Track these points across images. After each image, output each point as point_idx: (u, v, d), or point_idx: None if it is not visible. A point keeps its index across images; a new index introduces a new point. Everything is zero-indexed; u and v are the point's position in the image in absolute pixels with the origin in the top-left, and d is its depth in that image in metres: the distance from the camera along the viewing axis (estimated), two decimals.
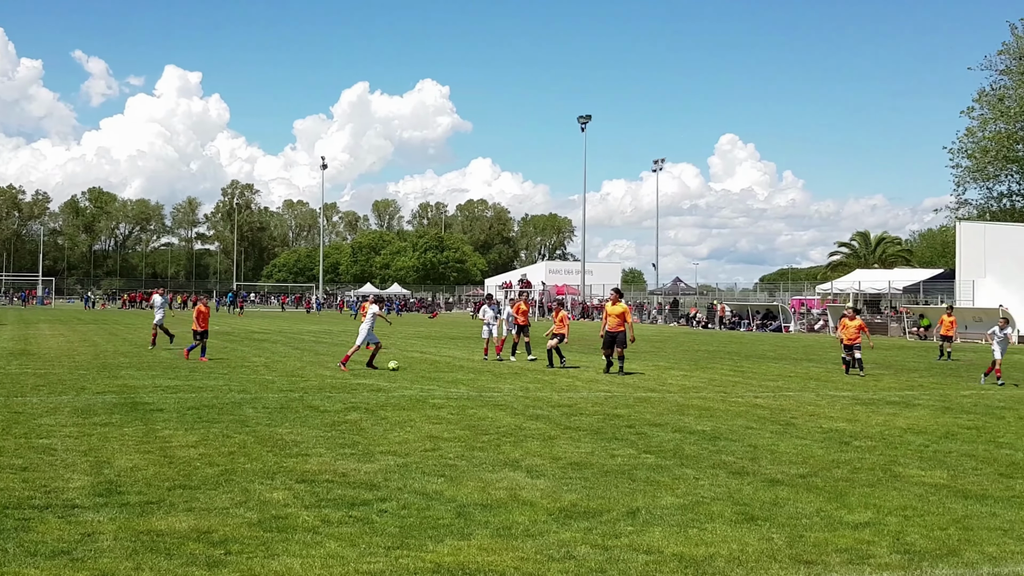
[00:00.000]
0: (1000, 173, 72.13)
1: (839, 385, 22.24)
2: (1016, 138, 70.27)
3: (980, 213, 72.28)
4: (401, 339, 40.62)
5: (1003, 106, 70.18)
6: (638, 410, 16.35)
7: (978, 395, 20.47)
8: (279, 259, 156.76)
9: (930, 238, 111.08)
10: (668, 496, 9.33)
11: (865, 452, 12.27)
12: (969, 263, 54.33)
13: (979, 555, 7.43)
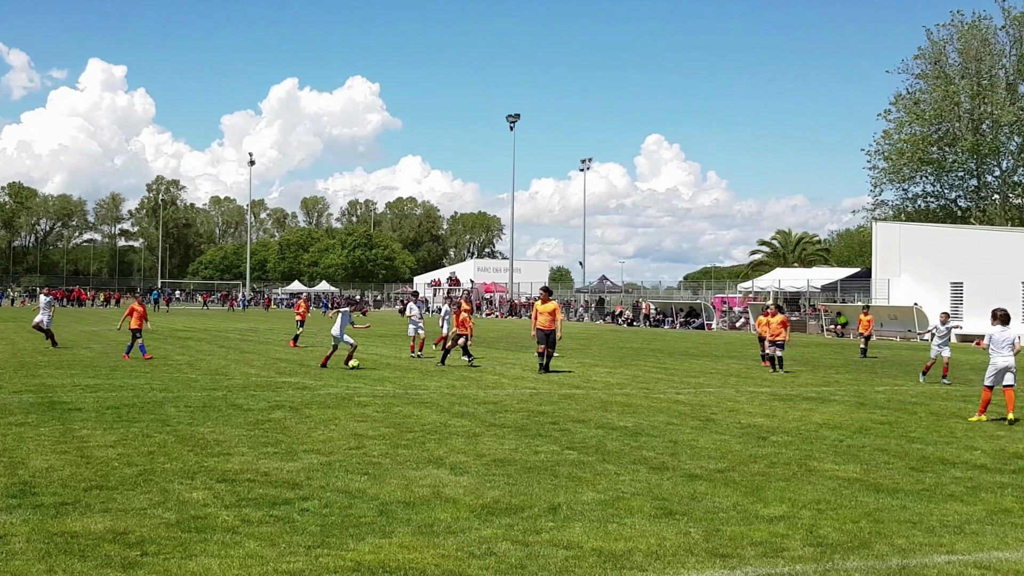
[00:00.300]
0: (915, 175, 73.75)
1: (758, 381, 22.56)
2: (930, 140, 71.88)
3: (896, 214, 73.78)
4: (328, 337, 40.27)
5: (918, 109, 71.72)
6: (562, 407, 16.42)
7: (891, 391, 20.89)
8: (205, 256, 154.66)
9: (848, 238, 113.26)
10: (589, 492, 9.37)
11: (782, 447, 12.45)
12: (885, 262, 55.47)
13: (889, 547, 7.57)
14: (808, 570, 6.90)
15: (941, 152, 72.33)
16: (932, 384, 22.71)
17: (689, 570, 6.89)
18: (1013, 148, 70.64)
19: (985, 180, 73.39)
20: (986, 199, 73.27)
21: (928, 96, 72.00)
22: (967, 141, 70.06)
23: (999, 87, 69.55)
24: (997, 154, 71.20)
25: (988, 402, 15.60)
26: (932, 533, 8.03)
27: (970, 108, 70.40)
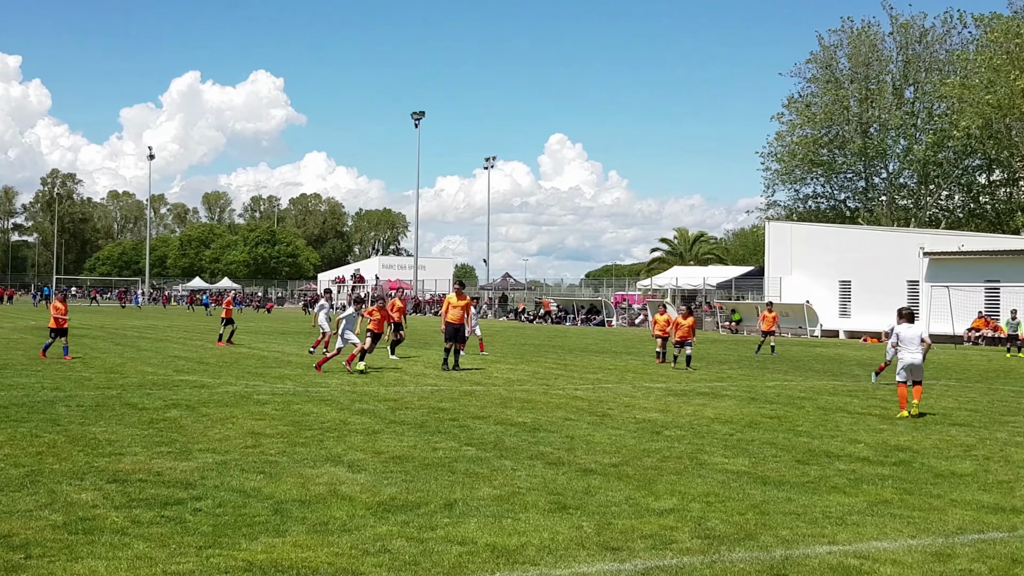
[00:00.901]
0: (806, 176, 75.52)
1: (655, 377, 22.85)
2: (821, 143, 73.64)
3: (788, 214, 75.43)
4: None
5: (810, 112, 73.40)
6: (463, 403, 16.41)
7: (781, 386, 21.35)
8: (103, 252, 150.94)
9: (743, 237, 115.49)
10: (486, 487, 9.38)
11: (674, 441, 12.63)
12: (777, 261, 56.65)
13: (774, 538, 7.73)
14: (695, 562, 7.00)
15: (831, 154, 74.13)
16: (860, 383, 23.24)
17: (580, 563, 6.94)
18: (899, 151, 72.76)
19: (873, 182, 75.46)
20: (873, 200, 75.31)
21: (819, 100, 73.74)
22: (856, 144, 71.94)
23: (886, 92, 71.56)
24: (884, 157, 73.26)
25: (906, 397, 16.00)
26: (815, 524, 8.22)
27: (859, 112, 72.31)
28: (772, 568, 6.90)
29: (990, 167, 71.07)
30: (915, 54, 71.56)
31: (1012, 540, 7.80)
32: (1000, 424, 15.08)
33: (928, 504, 9.08)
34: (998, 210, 71.06)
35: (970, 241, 50.13)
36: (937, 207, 74.56)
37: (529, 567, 6.83)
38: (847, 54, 72.95)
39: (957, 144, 67.49)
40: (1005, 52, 60.67)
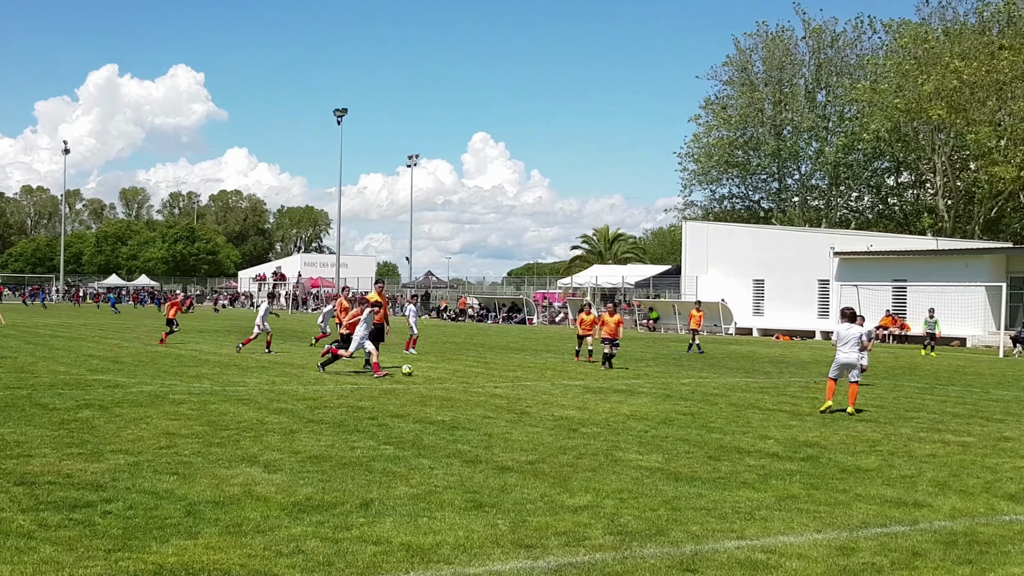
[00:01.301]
0: (722, 177, 76.66)
1: (573, 375, 22.98)
2: (737, 144, 74.78)
3: (704, 214, 76.46)
4: (146, 332, 38.95)
5: (726, 114, 74.50)
6: (382, 402, 16.33)
7: (696, 383, 21.62)
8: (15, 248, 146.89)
9: (661, 236, 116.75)
10: (402, 486, 9.35)
11: (590, 438, 12.71)
12: (694, 260, 57.36)
13: (684, 534, 7.82)
14: (607, 558, 7.06)
15: (746, 156, 75.32)
16: (772, 380, 23.55)
17: (494, 561, 6.95)
18: (811, 153, 74.18)
19: (786, 183, 76.88)
20: (786, 201, 76.72)
21: (735, 102, 74.87)
22: (770, 146, 73.16)
23: (799, 95, 72.89)
24: (797, 158, 74.65)
25: (833, 391, 16.32)
26: (725, 519, 8.33)
27: (773, 114, 73.57)
28: (682, 563, 6.98)
29: (898, 169, 72.83)
30: (827, 58, 73.04)
31: (913, 533, 7.99)
32: (905, 420, 15.45)
33: (834, 499, 9.26)
34: (905, 211, 72.85)
35: (878, 241, 51.32)
36: (847, 208, 76.23)
37: (443, 566, 6.82)
38: (762, 57, 74.21)
39: (867, 147, 69.06)
40: (913, 57, 62.18)
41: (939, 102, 58.15)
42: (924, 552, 7.41)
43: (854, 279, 45.93)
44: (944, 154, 63.92)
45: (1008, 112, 58.69)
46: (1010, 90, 57.73)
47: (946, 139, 63.57)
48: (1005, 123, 59.35)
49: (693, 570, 6.83)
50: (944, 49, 60.97)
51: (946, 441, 13.14)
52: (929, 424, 14.92)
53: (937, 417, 15.84)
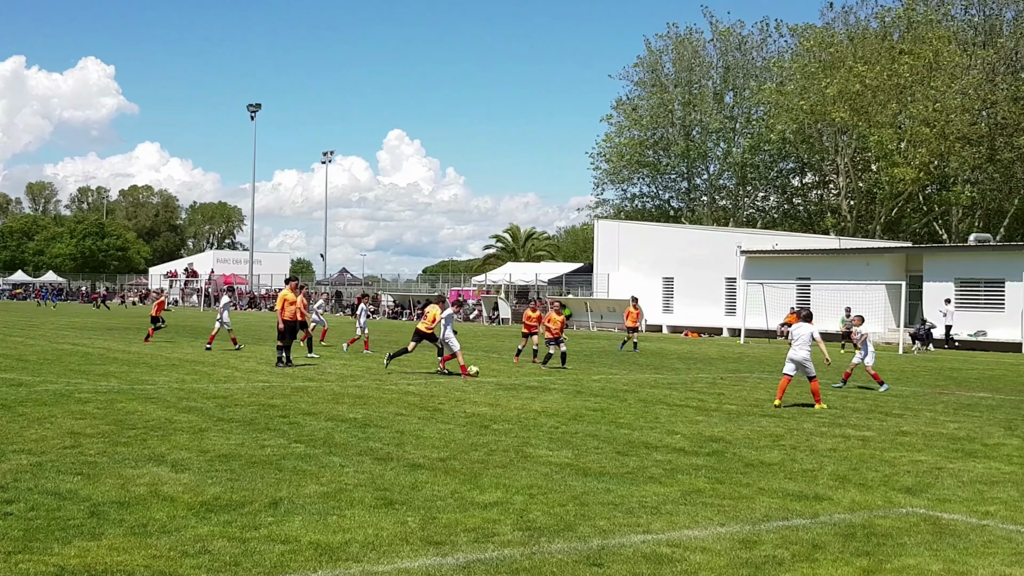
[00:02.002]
0: (633, 176, 77.44)
1: (485, 371, 22.96)
2: (647, 144, 75.59)
3: (616, 212, 77.13)
4: (52, 330, 37.97)
5: (637, 115, 75.25)
6: (294, 400, 16.15)
7: (606, 379, 21.79)
8: None
9: (574, 234, 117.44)
10: (312, 485, 9.25)
11: (502, 435, 12.73)
12: (605, 257, 57.81)
13: (591, 529, 7.87)
14: (515, 554, 7.06)
15: (657, 156, 76.17)
16: (680, 376, 23.76)
17: (403, 559, 6.91)
18: (719, 154, 75.36)
19: (695, 183, 77.97)
20: (695, 200, 77.83)
21: (645, 103, 75.68)
22: (679, 146, 74.12)
23: (708, 96, 73.96)
24: (705, 159, 75.75)
25: (784, 388, 16.78)
26: (631, 514, 8.41)
27: (682, 115, 74.53)
28: (588, 558, 7.02)
29: (803, 170, 74.36)
30: (734, 61, 74.23)
31: (814, 526, 8.15)
32: (807, 415, 15.76)
33: (738, 493, 9.40)
34: (810, 211, 74.42)
35: (783, 240, 52.32)
36: (754, 208, 77.60)
37: (352, 564, 6.76)
38: (672, 59, 75.12)
39: (773, 148, 70.36)
40: (818, 60, 63.51)
41: (842, 104, 59.47)
42: (824, 544, 7.56)
43: (760, 277, 46.73)
44: (847, 155, 65.39)
45: (908, 115, 60.27)
46: (910, 93, 59.31)
47: (849, 141, 65.04)
48: (905, 126, 60.95)
49: (599, 564, 6.87)
50: (847, 53, 62.40)
51: (847, 436, 13.44)
52: (831, 419, 15.24)
53: (838, 412, 16.19)
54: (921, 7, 63.88)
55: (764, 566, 6.93)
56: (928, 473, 10.67)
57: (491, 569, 6.71)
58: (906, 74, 58.43)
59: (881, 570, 6.90)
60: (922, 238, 65.61)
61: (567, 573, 6.67)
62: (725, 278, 50.41)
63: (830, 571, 6.84)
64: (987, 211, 65.03)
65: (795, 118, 63.97)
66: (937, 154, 58.89)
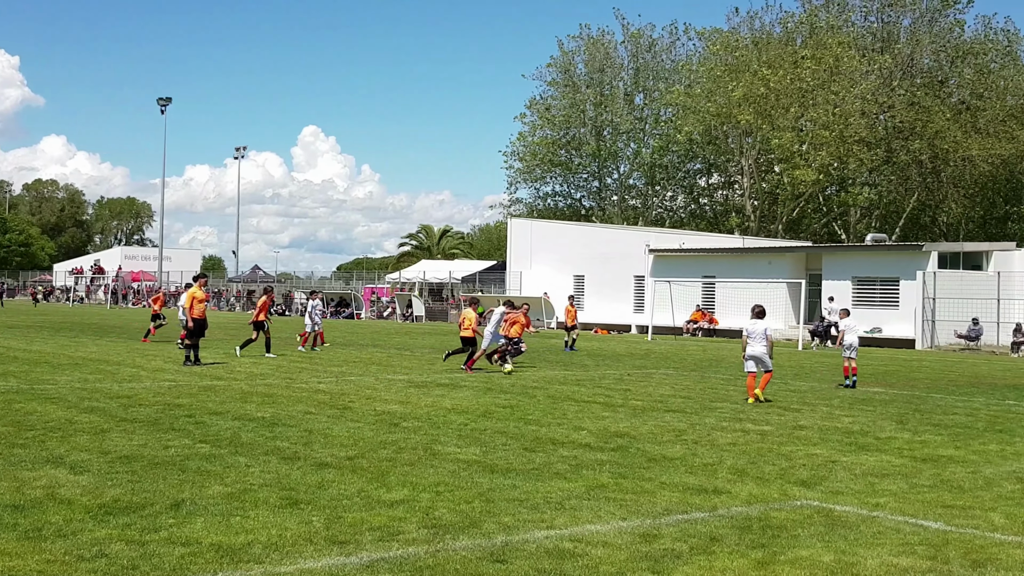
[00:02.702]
0: (546, 175, 77.72)
1: (398, 369, 22.88)
2: (560, 144, 75.93)
3: (529, 211, 77.36)
4: None
5: (550, 115, 75.55)
6: (201, 399, 15.86)
7: (516, 376, 21.83)
8: None
9: (488, 232, 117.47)
10: (216, 485, 9.09)
11: (411, 432, 12.67)
12: (518, 255, 57.97)
13: (496, 525, 7.87)
14: (419, 552, 7.03)
15: (569, 155, 76.53)
16: (588, 372, 23.87)
17: (307, 559, 6.83)
18: (629, 154, 76.04)
19: (606, 182, 78.55)
20: (606, 200, 78.44)
21: (558, 102, 76.02)
22: (591, 146, 74.62)
23: (618, 97, 74.58)
24: (616, 159, 76.39)
25: (752, 386, 17.13)
26: (536, 510, 8.43)
27: (594, 115, 75.01)
28: (492, 554, 7.02)
29: (709, 171, 75.47)
30: (645, 63, 74.95)
31: (712, 519, 8.27)
32: (709, 410, 16.00)
33: (640, 487, 9.50)
34: (716, 211, 75.57)
35: (690, 239, 53.03)
36: (663, 207, 78.52)
37: (254, 565, 6.66)
38: (584, 60, 75.55)
39: (681, 149, 71.27)
40: (724, 64, 64.46)
41: (747, 107, 60.44)
42: (721, 537, 7.67)
43: (668, 275, 47.32)
44: (751, 157, 66.52)
45: (809, 119, 61.50)
46: (811, 98, 60.52)
47: (753, 143, 66.17)
48: (807, 129, 62.18)
49: (502, 561, 6.87)
50: (752, 57, 63.44)
51: (746, 430, 13.67)
52: (732, 414, 15.50)
53: (739, 407, 16.46)
54: (823, 14, 65.25)
55: (663, 559, 7.01)
56: (823, 466, 10.91)
57: (395, 568, 6.67)
58: (808, 78, 59.61)
59: (775, 562, 7.02)
60: (822, 238, 67.06)
61: (470, 570, 6.66)
62: (634, 276, 50.89)
63: (726, 563, 6.94)
64: (884, 212, 66.77)
65: (702, 120, 64.85)
66: (836, 156, 60.19)
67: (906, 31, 65.30)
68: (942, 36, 64.50)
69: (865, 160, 60.59)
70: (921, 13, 64.52)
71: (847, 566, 6.95)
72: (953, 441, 13.04)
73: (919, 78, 64.20)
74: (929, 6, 64.28)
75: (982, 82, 62.96)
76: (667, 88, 70.66)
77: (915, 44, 63.70)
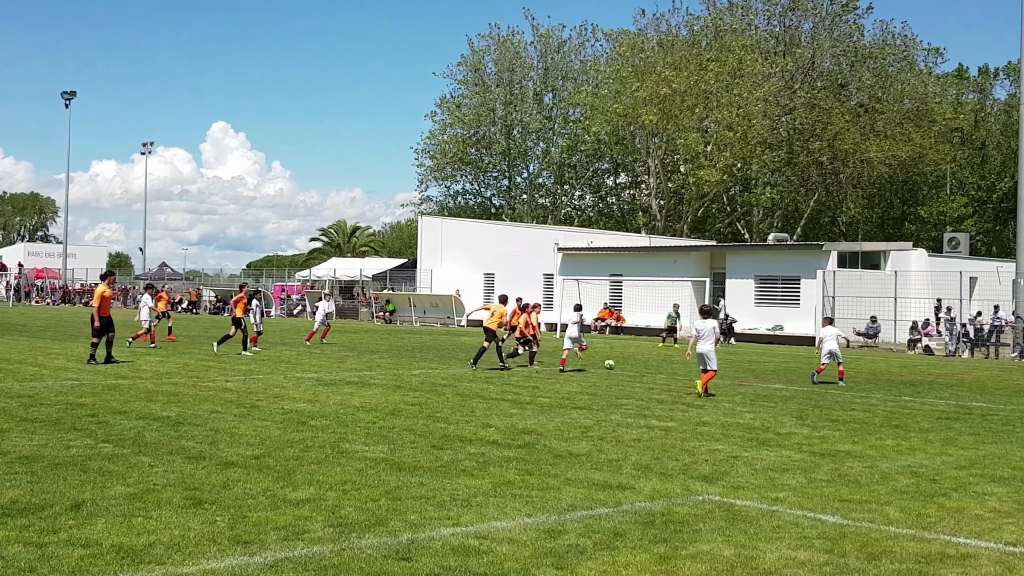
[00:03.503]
0: (456, 173, 77.69)
1: (305, 367, 22.65)
2: (470, 142, 75.99)
3: (440, 209, 77.25)
4: None
5: (460, 113, 75.54)
6: (104, 398, 15.49)
7: (426, 374, 21.79)
8: None
9: (399, 230, 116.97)
10: (119, 486, 8.90)
11: (319, 431, 12.55)
12: (429, 253, 57.87)
13: (403, 523, 7.84)
14: (325, 551, 6.97)
15: (479, 154, 76.66)
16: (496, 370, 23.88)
17: (210, 559, 6.72)
18: (539, 153, 76.41)
19: (515, 181, 78.80)
20: (516, 198, 78.66)
21: (468, 101, 76.02)
22: (501, 145, 74.82)
23: (528, 97, 74.92)
24: (525, 158, 76.69)
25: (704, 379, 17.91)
26: (443, 507, 8.42)
27: (504, 115, 75.20)
28: (398, 552, 6.99)
29: (617, 170, 76.26)
30: (554, 63, 75.39)
31: (616, 515, 8.35)
32: (615, 407, 16.16)
33: (546, 484, 9.55)
34: (623, 210, 76.40)
35: (598, 238, 53.52)
36: (571, 206, 79.09)
37: (156, 566, 6.53)
38: (494, 59, 75.68)
39: (589, 148, 71.86)
40: (631, 65, 65.14)
41: (653, 108, 61.16)
42: (624, 532, 7.75)
43: (576, 274, 47.65)
44: (657, 157, 67.37)
45: (714, 120, 62.55)
46: (715, 99, 61.53)
47: (659, 143, 67.03)
48: (711, 130, 63.24)
49: (407, 559, 6.85)
50: (658, 59, 64.22)
51: (651, 426, 13.85)
52: (637, 410, 15.68)
53: (644, 404, 16.67)
54: (727, 17, 66.34)
55: (567, 555, 7.06)
56: (724, 462, 11.10)
57: (299, 567, 6.60)
58: (712, 80, 60.57)
59: (677, 556, 7.12)
60: (726, 237, 68.26)
61: (375, 568, 6.63)
62: (543, 274, 51.14)
63: (629, 559, 7.01)
64: (785, 212, 68.23)
65: (609, 120, 65.42)
66: (740, 157, 61.31)
67: (807, 35, 66.83)
68: (842, 40, 66.16)
69: (767, 161, 61.84)
70: (822, 17, 66.10)
71: (747, 560, 7.08)
72: (851, 436, 13.37)
73: (820, 81, 65.77)
74: (830, 11, 65.88)
75: (880, 85, 64.74)
76: (576, 88, 71.15)
77: (816, 48, 65.20)
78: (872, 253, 45.43)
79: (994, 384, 22.93)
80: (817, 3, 66.11)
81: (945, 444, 12.84)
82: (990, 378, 24.92)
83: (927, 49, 70.25)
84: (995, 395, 20.05)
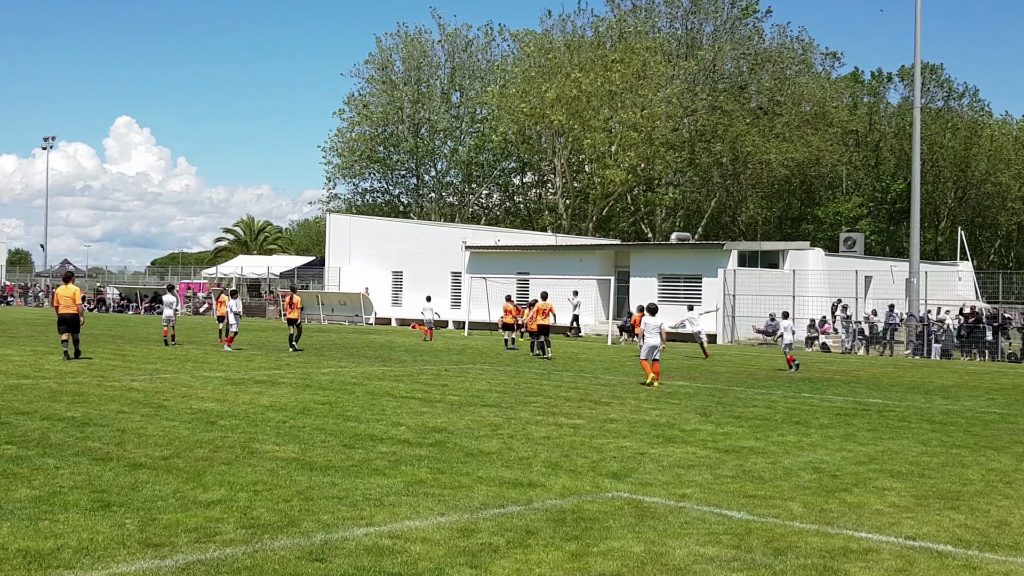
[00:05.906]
0: (365, 171, 77.08)
1: (213, 366, 22.28)
2: (378, 140, 75.44)
3: (348, 206, 76.56)
4: None
5: (368, 111, 74.92)
6: (6, 398, 15.06)
7: (335, 372, 21.62)
8: None
9: (307, 228, 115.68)
10: (23, 488, 8.67)
11: (228, 431, 12.38)
12: (337, 251, 57.31)
13: (315, 523, 7.79)
14: (237, 553, 6.89)
15: (387, 152, 76.15)
16: (406, 368, 23.76)
17: (119, 563, 6.60)
18: (446, 151, 76.23)
19: (423, 179, 78.53)
20: (424, 197, 78.41)
21: (376, 99, 75.46)
22: (408, 143, 74.45)
23: (436, 95, 74.68)
24: (433, 156, 76.42)
25: (647, 368, 19.72)
26: (355, 507, 8.39)
27: (411, 113, 74.82)
28: (311, 553, 6.95)
29: (523, 170, 76.50)
30: (461, 62, 75.24)
31: (528, 512, 8.41)
32: (524, 404, 16.26)
33: (457, 482, 9.58)
34: (530, 209, 76.67)
35: (505, 236, 53.61)
36: (479, 205, 79.11)
37: (64, 571, 6.39)
38: (402, 58, 75.25)
39: (496, 147, 71.89)
40: (537, 66, 65.40)
41: (559, 108, 61.48)
42: (536, 530, 7.82)
43: (483, 272, 47.70)
44: (563, 157, 67.76)
45: (619, 120, 63.13)
46: (620, 100, 62.12)
47: (565, 143, 67.40)
48: (616, 130, 63.81)
49: (321, 559, 6.81)
50: (564, 59, 64.59)
51: (559, 424, 13.97)
52: (545, 408, 15.79)
53: (552, 401, 16.80)
54: (631, 19, 67.05)
55: (480, 553, 7.10)
56: (632, 458, 11.25)
57: (211, 570, 6.52)
58: (617, 82, 61.12)
59: (588, 553, 7.21)
60: (630, 236, 69.03)
61: (289, 570, 6.58)
62: (451, 272, 51.08)
63: (541, 556, 7.08)
64: (687, 211, 69.31)
65: (516, 120, 65.56)
66: (644, 158, 62.04)
67: (708, 38, 67.95)
68: (742, 44, 67.44)
69: (671, 161, 62.68)
70: (722, 21, 67.30)
71: (656, 556, 7.19)
72: (754, 433, 13.65)
73: (721, 84, 66.95)
74: (730, 15, 67.10)
75: (779, 88, 66.19)
76: (483, 88, 71.16)
77: (717, 51, 66.34)
78: (771, 252, 46.39)
79: (889, 381, 23.65)
80: (718, 7, 67.34)
81: (845, 440, 13.19)
82: (885, 375, 25.70)
83: (824, 53, 72.19)
84: (891, 391, 20.68)
